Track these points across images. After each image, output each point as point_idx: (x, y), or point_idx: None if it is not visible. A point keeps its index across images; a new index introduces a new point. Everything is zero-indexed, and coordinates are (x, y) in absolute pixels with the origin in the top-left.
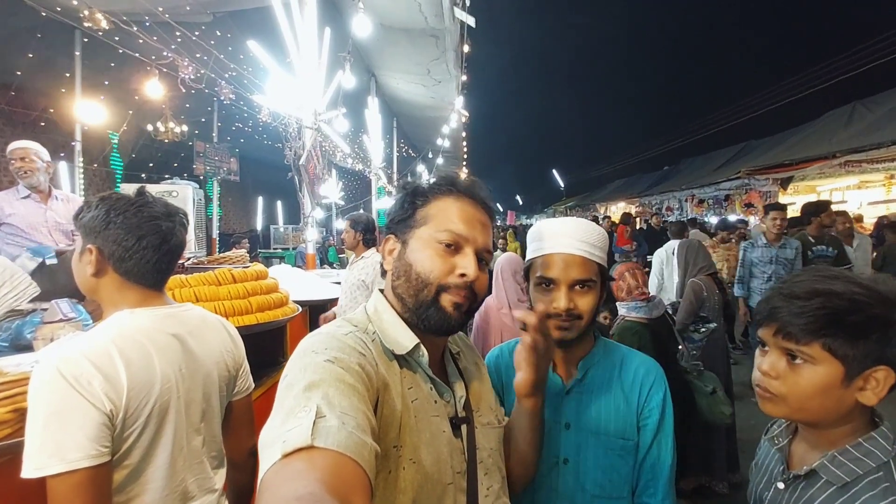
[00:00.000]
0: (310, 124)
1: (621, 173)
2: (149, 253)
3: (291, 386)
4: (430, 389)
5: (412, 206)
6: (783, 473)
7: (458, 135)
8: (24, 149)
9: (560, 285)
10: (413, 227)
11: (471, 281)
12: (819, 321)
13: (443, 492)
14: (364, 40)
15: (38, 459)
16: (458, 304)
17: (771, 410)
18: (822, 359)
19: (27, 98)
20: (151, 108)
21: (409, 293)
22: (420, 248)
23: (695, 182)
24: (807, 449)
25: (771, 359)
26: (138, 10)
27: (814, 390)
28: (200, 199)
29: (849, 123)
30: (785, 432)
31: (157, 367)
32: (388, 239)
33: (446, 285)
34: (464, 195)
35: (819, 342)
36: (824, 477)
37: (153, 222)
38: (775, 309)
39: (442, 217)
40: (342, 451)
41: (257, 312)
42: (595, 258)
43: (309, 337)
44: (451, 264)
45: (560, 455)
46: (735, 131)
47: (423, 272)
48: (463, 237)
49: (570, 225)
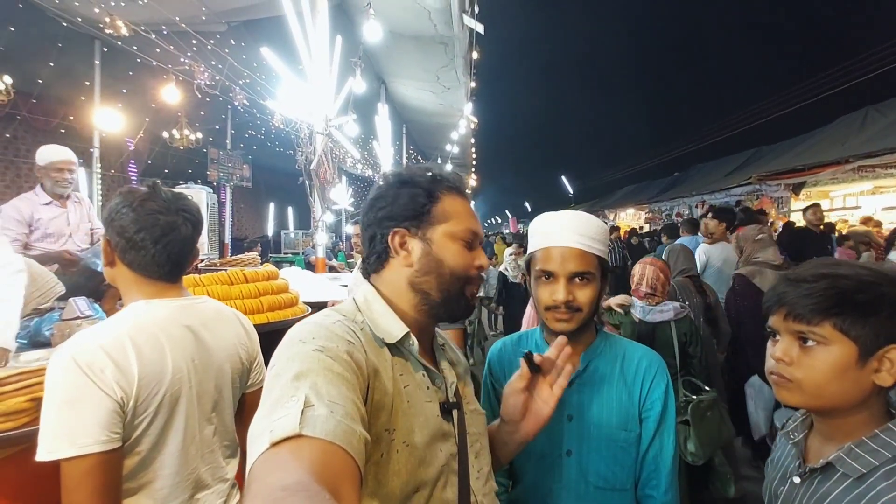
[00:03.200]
0: (321, 130)
1: (630, 179)
2: (147, 245)
3: (279, 376)
4: (422, 376)
5: (429, 200)
6: (799, 468)
7: (467, 141)
8: (70, 161)
9: (559, 278)
10: (432, 224)
11: (484, 272)
12: (828, 300)
13: (436, 474)
14: (374, 48)
15: (51, 443)
16: (474, 294)
17: (787, 398)
18: (834, 339)
19: (48, 106)
20: (167, 115)
21: (440, 288)
22: (448, 244)
23: (705, 188)
24: (822, 442)
25: (783, 344)
26: (156, 20)
27: (829, 373)
28: (214, 203)
29: (862, 128)
30: (801, 427)
31: (169, 358)
32: (398, 232)
33: (470, 278)
34: (463, 193)
35: (830, 322)
36: (840, 469)
37: (153, 216)
38: (783, 294)
39: (459, 215)
40: (330, 439)
41: (268, 312)
42: (594, 251)
43: (296, 326)
44: (471, 258)
45: (563, 447)
46: (746, 137)
47: (456, 268)
48: (477, 234)
49: (568, 218)
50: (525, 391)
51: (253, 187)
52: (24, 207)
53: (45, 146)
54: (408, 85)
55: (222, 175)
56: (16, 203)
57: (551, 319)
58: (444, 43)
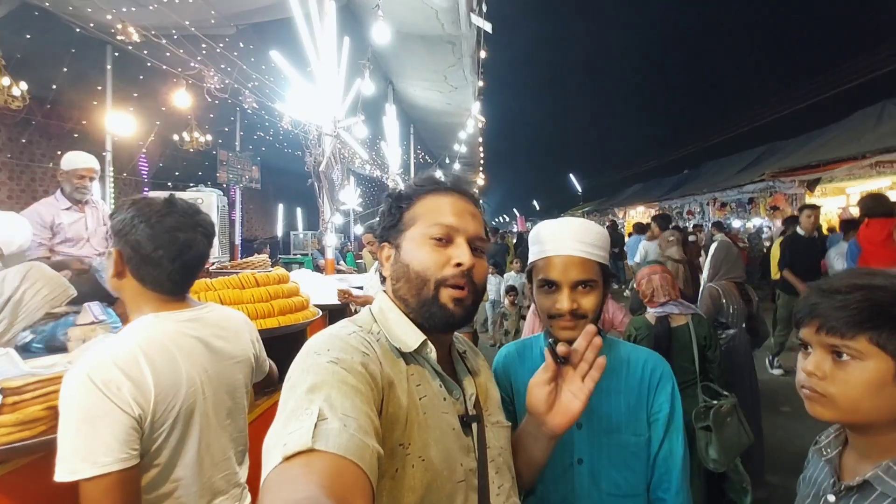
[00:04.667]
0: (329, 131)
1: (640, 177)
2: (164, 262)
3: (294, 388)
4: (438, 386)
5: (398, 210)
6: (833, 486)
7: (475, 140)
8: (92, 168)
9: (562, 287)
10: (403, 230)
11: (467, 269)
12: (863, 313)
13: (453, 490)
14: (382, 48)
15: (72, 464)
16: (458, 299)
17: (820, 414)
18: (870, 353)
19: (61, 111)
20: (177, 118)
21: (411, 293)
22: (414, 247)
23: (717, 185)
24: (858, 459)
25: (816, 358)
26: (167, 24)
27: (865, 389)
28: (224, 205)
29: (878, 123)
30: (834, 443)
31: (183, 371)
32: (383, 247)
33: (444, 279)
34: (448, 190)
35: (865, 335)
36: (879, 489)
37: (172, 233)
38: (815, 305)
39: (430, 214)
40: (343, 454)
41: (279, 315)
42: (595, 258)
43: (312, 338)
44: (445, 256)
45: (574, 455)
46: (759, 133)
47: (420, 269)
48: (453, 228)
49: (568, 226)
50: (551, 383)
51: (262, 189)
52: (45, 212)
53: (71, 152)
54: (415, 85)
55: (232, 177)
56: (37, 208)
57: (556, 328)
58: (451, 42)
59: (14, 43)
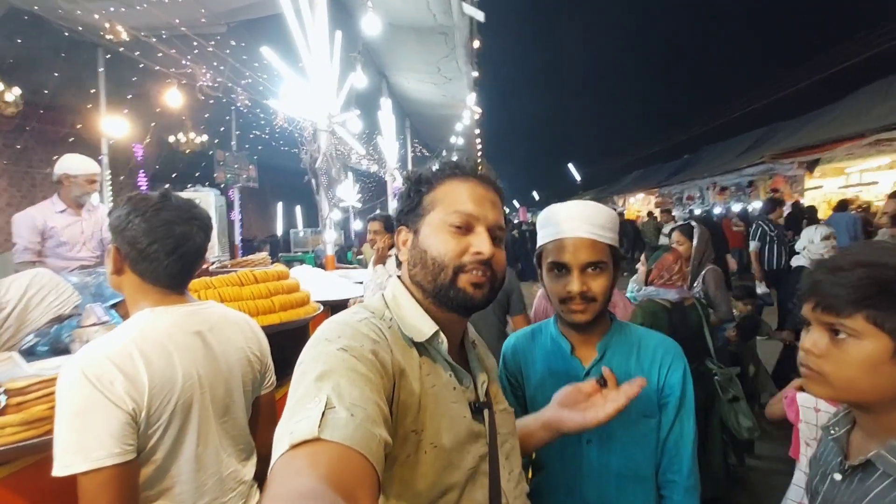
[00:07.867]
0: (324, 127)
1: (639, 164)
2: (161, 256)
3: (305, 374)
4: (449, 376)
5: (418, 194)
6: (840, 465)
7: (472, 132)
8: (97, 174)
9: (572, 269)
10: (422, 215)
11: (486, 258)
12: (861, 291)
13: (465, 476)
14: (373, 41)
15: (65, 458)
16: (477, 284)
17: (816, 391)
18: (866, 332)
19: (56, 116)
20: (173, 120)
21: (428, 279)
22: (432, 233)
23: (716, 169)
24: (864, 438)
25: (813, 335)
26: (156, 24)
27: (861, 367)
28: (222, 205)
29: (884, 100)
30: (843, 422)
31: (178, 366)
32: (401, 230)
33: (462, 265)
34: (469, 176)
35: (862, 314)
36: (881, 468)
37: (167, 227)
38: (817, 282)
39: (450, 199)
40: (349, 444)
41: (280, 312)
42: (605, 240)
43: (323, 324)
44: (464, 244)
45: (584, 436)
46: (758, 115)
47: (437, 256)
48: (473, 216)
49: (577, 208)
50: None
51: (260, 187)
52: (37, 216)
53: (73, 155)
54: (409, 77)
55: (229, 176)
56: (30, 211)
57: (567, 311)
58: (443, 33)
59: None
